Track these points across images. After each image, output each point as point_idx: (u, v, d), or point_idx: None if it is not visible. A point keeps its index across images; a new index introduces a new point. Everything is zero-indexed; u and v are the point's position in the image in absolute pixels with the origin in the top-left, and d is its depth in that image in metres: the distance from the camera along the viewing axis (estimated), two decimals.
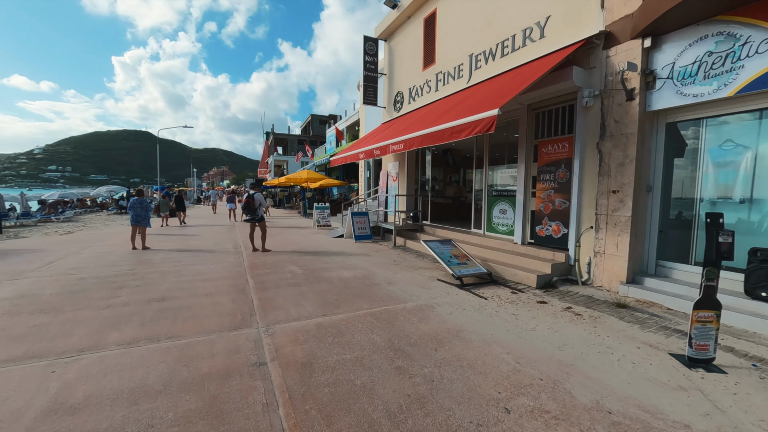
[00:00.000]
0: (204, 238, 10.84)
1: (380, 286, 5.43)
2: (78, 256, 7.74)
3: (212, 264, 7.01)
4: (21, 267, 6.71)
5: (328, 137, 28.88)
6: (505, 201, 7.41)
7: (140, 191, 9.22)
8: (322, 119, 49.29)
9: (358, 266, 6.81)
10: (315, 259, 7.44)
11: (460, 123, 5.18)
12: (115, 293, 4.98)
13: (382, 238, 10.65)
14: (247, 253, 8.17)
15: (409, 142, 6.67)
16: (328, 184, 20.14)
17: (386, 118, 12.18)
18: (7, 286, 5.38)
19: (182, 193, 17.44)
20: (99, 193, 25.56)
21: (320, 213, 13.66)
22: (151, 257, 7.70)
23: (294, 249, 8.80)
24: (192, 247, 9.06)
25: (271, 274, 6.13)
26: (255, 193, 8.30)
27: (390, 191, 11.79)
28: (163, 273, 6.20)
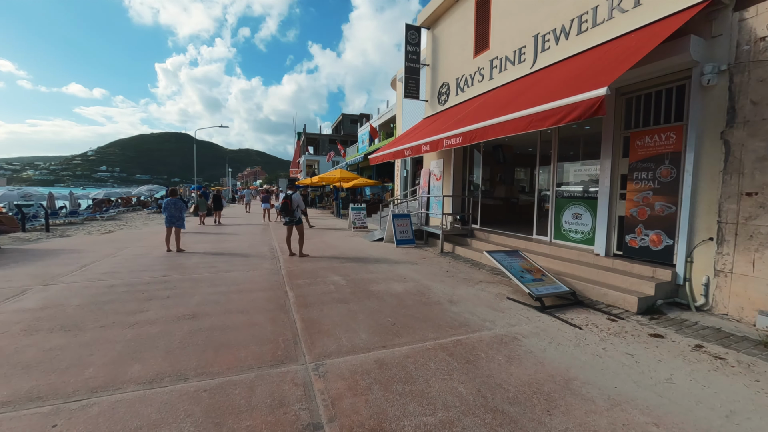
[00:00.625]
0: (239, 240, 10.42)
1: (441, 306, 4.55)
2: (113, 259, 7.43)
3: (248, 271, 6.42)
4: (56, 270, 6.42)
5: (361, 136, 28.31)
6: (579, 203, 6.30)
7: (174, 191, 8.88)
8: (353, 118, 49.00)
9: (408, 278, 5.96)
10: (358, 268, 6.68)
11: (548, 108, 4.19)
12: (143, 306, 4.43)
13: (425, 242, 9.76)
14: (284, 259, 7.55)
15: (470, 134, 5.73)
16: (361, 183, 19.49)
17: (429, 112, 11.26)
18: (37, 293, 4.99)
19: (219, 193, 17.43)
20: (140, 192, 26.45)
21: (356, 214, 12.96)
22: (185, 261, 7.25)
23: (333, 254, 8.10)
24: (226, 250, 8.60)
25: (312, 286, 5.42)
26: (293, 194, 7.67)
27: (432, 191, 10.86)
28: (195, 281, 5.65)
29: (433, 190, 10.84)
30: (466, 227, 9.07)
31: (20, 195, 15.39)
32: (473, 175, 10.12)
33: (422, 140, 7.44)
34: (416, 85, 11.33)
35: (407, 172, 15.85)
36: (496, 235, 8.11)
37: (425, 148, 7.30)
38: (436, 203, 10.65)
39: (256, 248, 8.96)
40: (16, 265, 6.91)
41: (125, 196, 25.36)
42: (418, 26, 11.12)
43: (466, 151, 9.95)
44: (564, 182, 6.78)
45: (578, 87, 4.16)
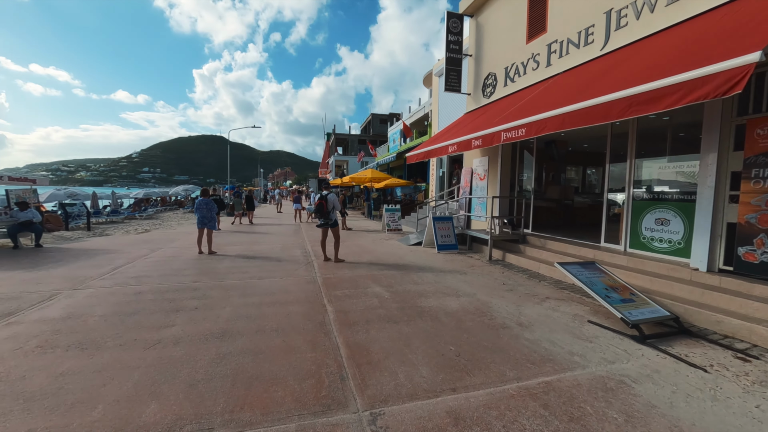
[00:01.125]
0: (271, 242, 10.03)
1: (510, 330, 3.76)
2: (144, 261, 7.17)
3: (281, 278, 5.90)
4: (88, 272, 6.19)
5: (391, 135, 27.67)
6: (666, 207, 5.27)
7: (205, 191, 8.58)
8: (383, 118, 48.52)
9: (460, 291, 5.20)
10: (400, 277, 5.98)
11: (659, 87, 3.30)
12: (169, 319, 3.96)
13: (469, 248, 8.92)
14: (319, 264, 7.00)
15: (538, 125, 4.88)
16: (393, 183, 18.82)
17: (471, 106, 10.40)
18: (63, 300, 4.68)
19: (251, 193, 17.47)
20: (176, 192, 27.19)
21: (391, 216, 12.29)
22: (216, 265, 6.85)
23: (370, 260, 7.45)
24: (258, 253, 8.18)
25: (352, 299, 4.78)
26: (328, 194, 7.10)
27: (475, 192, 9.99)
28: (226, 289, 5.17)
29: (476, 190, 9.97)
30: (516, 232, 8.15)
31: (66, 194, 15.97)
32: (523, 174, 9.17)
33: (472, 135, 6.64)
34: (458, 77, 10.51)
35: (443, 171, 15.00)
36: (553, 242, 7.16)
37: (476, 143, 6.49)
38: (480, 205, 9.78)
39: (288, 251, 8.49)
40: (53, 265, 6.78)
41: (163, 195, 26.13)
42: (460, 14, 10.30)
43: (516, 148, 9.01)
44: (645, 181, 5.76)
45: (697, 60, 3.25)
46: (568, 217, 9.39)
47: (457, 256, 7.96)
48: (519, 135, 5.33)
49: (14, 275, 6.00)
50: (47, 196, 15.31)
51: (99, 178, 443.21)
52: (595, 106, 3.96)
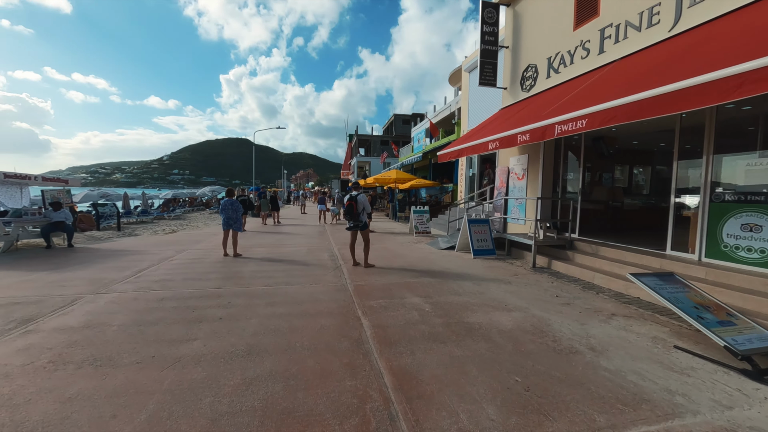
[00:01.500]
0: (297, 244, 9.71)
1: (582, 356, 3.15)
2: (169, 264, 6.96)
3: (309, 284, 5.48)
4: (113, 275, 6.01)
5: (415, 135, 27.11)
6: (758, 210, 4.48)
7: (230, 191, 8.33)
8: (405, 119, 48.03)
9: (509, 304, 4.60)
10: (438, 286, 5.44)
11: None
12: (191, 332, 3.59)
13: (507, 253, 8.24)
14: (348, 269, 6.55)
15: (604, 115, 4.23)
16: (419, 184, 18.25)
17: (507, 101, 9.71)
18: (84, 305, 4.43)
19: (276, 194, 17.47)
20: (203, 193, 27.69)
21: (419, 218, 11.74)
22: (241, 269, 6.54)
23: (401, 265, 6.95)
24: (284, 256, 7.84)
25: (389, 311, 4.28)
26: (358, 195, 6.66)
27: (512, 192, 9.30)
28: (251, 297, 4.79)
29: (513, 191, 9.27)
30: (562, 237, 7.43)
31: (99, 195, 16.38)
32: (567, 173, 8.42)
33: (518, 129, 6.01)
34: (493, 70, 9.86)
35: (473, 171, 14.30)
36: (606, 248, 6.41)
37: (523, 138, 5.86)
38: (518, 207, 9.08)
39: (315, 254, 8.11)
40: (80, 267, 6.67)
41: (190, 196, 26.66)
42: (495, 3, 9.65)
43: (559, 145, 8.27)
44: (724, 181, 4.97)
45: None
46: (617, 220, 8.55)
47: (496, 263, 7.33)
48: (577, 127, 4.68)
49: (42, 277, 5.88)
50: (81, 196, 15.74)
51: (133, 180, 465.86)
52: (690, 89, 3.29)
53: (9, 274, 6.11)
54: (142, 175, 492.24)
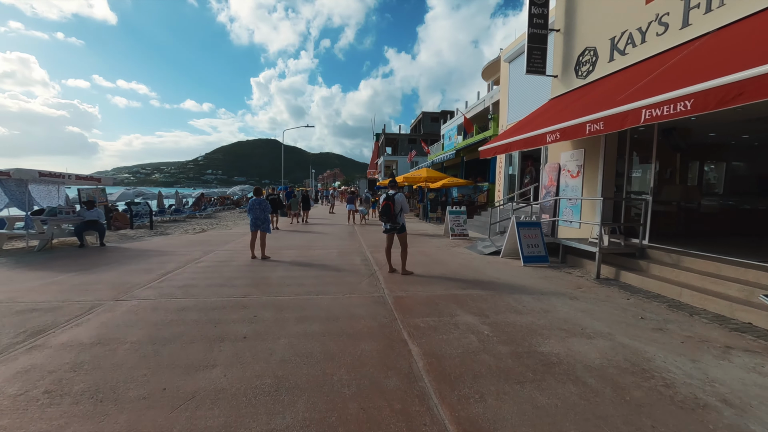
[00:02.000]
0: (327, 245, 9.19)
1: (718, 414, 2.31)
2: (195, 266, 6.59)
3: (344, 295, 4.87)
4: (137, 278, 5.68)
5: (446, 132, 26.12)
6: None
7: (258, 190, 7.89)
8: (434, 116, 46.97)
9: (586, 327, 3.77)
10: (492, 300, 4.67)
11: None
12: (211, 356, 3.05)
13: (562, 261, 7.30)
14: (384, 276, 5.90)
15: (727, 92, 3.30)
16: (451, 183, 17.34)
17: (559, 90, 8.71)
18: (101, 315, 4.04)
19: (307, 193, 17.33)
20: (234, 192, 28.05)
21: (455, 219, 10.91)
22: (269, 274, 6.04)
23: (443, 273, 6.22)
24: (315, 260, 7.31)
25: (440, 333, 3.57)
26: (396, 194, 5.99)
27: (564, 192, 8.32)
28: (280, 310, 4.23)
29: (566, 190, 8.29)
30: (631, 243, 6.41)
31: (135, 194, 16.72)
32: (632, 170, 7.35)
33: (586, 117, 5.10)
34: (542, 57, 8.90)
35: (514, 168, 13.27)
36: (693, 258, 5.37)
37: (594, 128, 4.95)
38: (571, 208, 8.10)
39: (347, 258, 7.53)
40: (106, 268, 6.44)
41: (220, 195, 27.05)
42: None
43: (624, 138, 7.23)
44: None
45: None
46: (695, 224, 7.39)
47: (551, 272, 6.43)
48: (677, 111, 3.75)
49: (68, 279, 5.63)
50: (118, 195, 16.09)
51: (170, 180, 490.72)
52: None
53: (38, 275, 5.93)
54: (178, 175, 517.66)
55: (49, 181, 8.81)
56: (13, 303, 4.42)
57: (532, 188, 10.77)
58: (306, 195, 15.99)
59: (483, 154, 8.85)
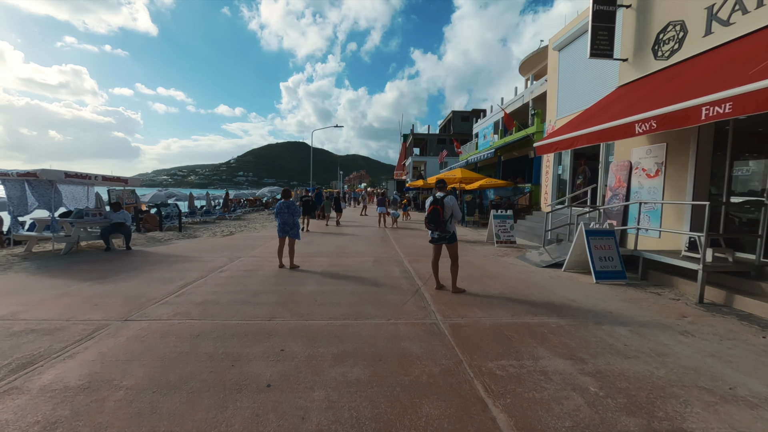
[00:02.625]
0: (360, 252, 8.38)
1: None
2: (219, 277, 5.95)
3: (387, 320, 4.00)
4: (155, 290, 5.08)
5: (481, 131, 24.79)
6: None
7: (287, 192, 7.15)
8: (464, 115, 45.47)
9: (735, 386, 2.67)
10: (578, 333, 3.64)
11: None
12: (223, 415, 2.25)
13: (642, 277, 6.08)
14: (431, 294, 4.98)
15: None
16: (490, 184, 16.12)
17: (630, 76, 7.46)
18: (101, 342, 3.39)
19: (340, 195, 16.89)
20: (263, 193, 28.06)
21: (500, 224, 9.80)
22: (299, 288, 5.28)
23: (502, 291, 5.21)
24: (349, 270, 6.50)
25: (530, 391, 2.61)
26: (445, 197, 5.05)
27: (638, 195, 7.06)
28: (312, 342, 3.40)
29: (640, 192, 7.04)
30: (740, 259, 5.13)
31: (166, 195, 16.74)
32: (733, 168, 6.02)
33: (700, 100, 3.96)
34: (609, 37, 7.68)
35: (564, 168, 11.94)
36: None
37: (716, 112, 3.80)
38: (648, 214, 6.84)
39: (384, 268, 6.67)
40: (125, 276, 5.93)
41: (249, 197, 27.11)
42: None
43: (720, 128, 5.93)
44: None
45: None
46: None
47: (635, 292, 5.27)
48: None
49: (81, 290, 5.12)
50: (150, 196, 16.13)
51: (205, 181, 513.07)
52: None
53: (54, 283, 5.48)
54: (212, 177, 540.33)
55: (76, 182, 8.57)
56: (14, 320, 3.88)
57: (589, 190, 9.48)
58: (338, 197, 15.50)
59: (540, 150, 7.72)
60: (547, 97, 12.78)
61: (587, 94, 10.05)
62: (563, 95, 11.73)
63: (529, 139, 16.04)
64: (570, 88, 11.27)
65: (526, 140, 16.19)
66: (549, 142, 7.25)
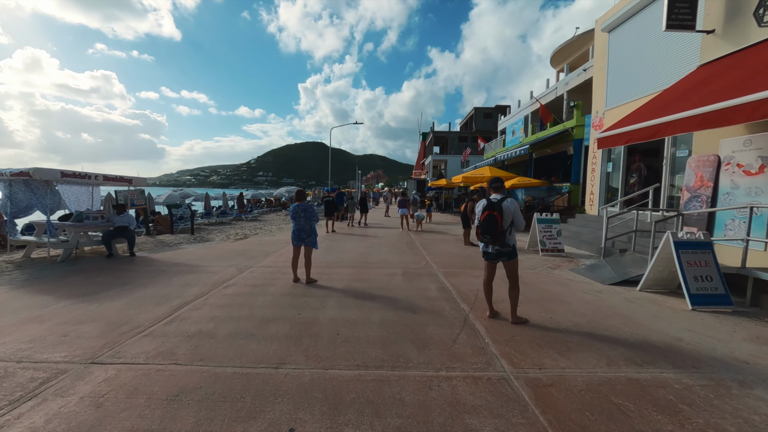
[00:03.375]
0: (386, 261, 7.31)
1: None
2: (222, 295, 5.01)
3: (437, 372, 2.91)
4: (142, 313, 4.18)
5: (509, 127, 23.29)
6: None
7: (301, 193, 6.05)
8: (487, 112, 43.77)
9: None
10: (723, 402, 2.46)
11: None
12: None
13: (753, 302, 4.74)
14: (486, 327, 3.85)
15: None
16: (524, 183, 14.76)
17: (717, 51, 6.10)
18: (40, 408, 2.45)
19: (365, 196, 16.08)
20: (280, 193, 27.45)
21: (546, 230, 8.53)
22: (316, 314, 4.25)
23: (577, 323, 4.03)
24: (375, 285, 5.45)
25: None
26: (504, 200, 3.91)
27: (732, 198, 5.70)
28: (336, 411, 2.35)
29: (733, 194, 5.68)
30: None
31: (181, 196, 16.18)
32: None
33: None
34: (690, 6, 6.33)
35: (613, 164, 10.51)
36: None
37: None
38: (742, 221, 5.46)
39: (417, 284, 5.59)
40: (116, 293, 5.08)
41: (267, 197, 26.53)
42: None
43: None
44: None
45: None
46: None
47: (755, 326, 3.98)
48: None
49: (58, 312, 4.27)
50: (165, 197, 15.59)
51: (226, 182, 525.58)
52: None
53: (29, 302, 4.65)
54: (233, 177, 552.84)
55: (76, 182, 7.88)
56: None
57: (651, 190, 8.09)
58: (364, 197, 14.66)
59: (603, 143, 6.43)
60: (594, 85, 11.35)
61: (648, 79, 8.64)
62: (614, 82, 10.30)
63: (568, 134, 14.57)
64: (623, 74, 9.84)
65: (565, 135, 14.73)
66: (618, 132, 5.96)
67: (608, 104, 10.50)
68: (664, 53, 8.13)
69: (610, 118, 10.37)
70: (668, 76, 7.64)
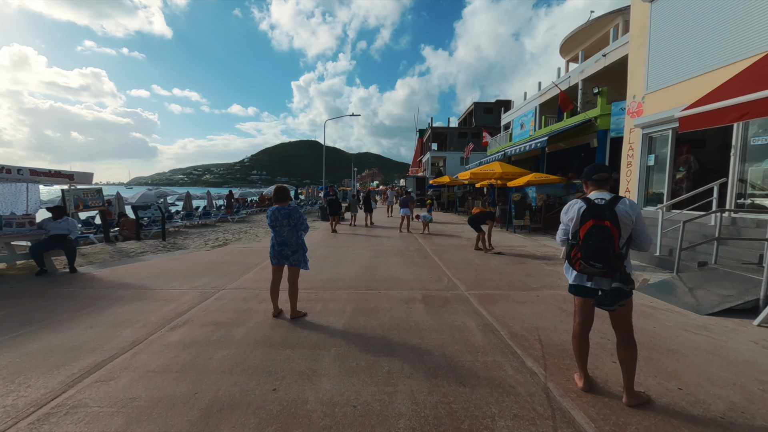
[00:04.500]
0: (398, 279, 5.70)
1: None
2: (165, 343, 3.37)
3: None
4: (35, 380, 2.54)
5: (516, 120, 21.76)
6: None
7: (282, 191, 4.20)
8: (487, 107, 42.31)
9: None
10: None
11: None
12: None
13: None
14: (589, 414, 2.28)
15: None
16: (539, 180, 13.24)
17: None
18: None
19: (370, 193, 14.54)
20: (269, 192, 25.74)
21: None
22: (302, 393, 2.63)
23: (727, 400, 2.47)
24: (388, 326, 3.84)
25: None
26: (617, 202, 2.32)
27: None
28: None
29: None
30: None
31: (157, 195, 14.42)
32: None
33: None
34: None
35: (657, 157, 8.98)
36: None
37: None
38: None
39: (447, 320, 3.98)
40: (22, 335, 3.42)
41: (258, 195, 24.76)
42: None
43: None
44: None
45: None
46: None
47: None
48: None
49: None
50: (138, 196, 13.82)
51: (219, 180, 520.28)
52: None
53: None
54: (227, 176, 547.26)
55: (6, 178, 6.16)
56: None
57: (716, 186, 6.58)
58: (368, 195, 13.21)
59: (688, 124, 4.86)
60: (630, 66, 9.80)
61: (713, 51, 7.10)
62: (658, 61, 8.77)
63: (591, 124, 13.07)
64: (672, 50, 8.30)
65: (588, 125, 13.22)
66: (719, 106, 4.37)
67: (649, 87, 8.97)
68: (735, 15, 6.60)
69: (652, 103, 8.86)
70: (745, 44, 6.12)
